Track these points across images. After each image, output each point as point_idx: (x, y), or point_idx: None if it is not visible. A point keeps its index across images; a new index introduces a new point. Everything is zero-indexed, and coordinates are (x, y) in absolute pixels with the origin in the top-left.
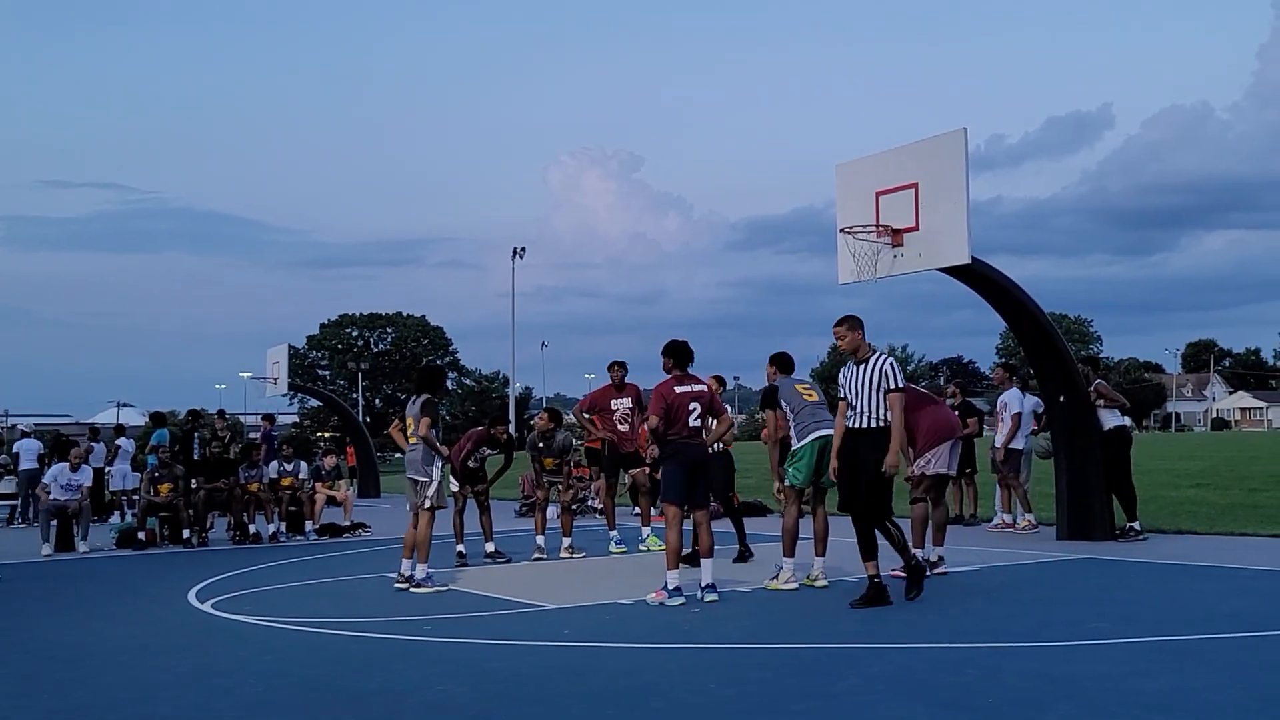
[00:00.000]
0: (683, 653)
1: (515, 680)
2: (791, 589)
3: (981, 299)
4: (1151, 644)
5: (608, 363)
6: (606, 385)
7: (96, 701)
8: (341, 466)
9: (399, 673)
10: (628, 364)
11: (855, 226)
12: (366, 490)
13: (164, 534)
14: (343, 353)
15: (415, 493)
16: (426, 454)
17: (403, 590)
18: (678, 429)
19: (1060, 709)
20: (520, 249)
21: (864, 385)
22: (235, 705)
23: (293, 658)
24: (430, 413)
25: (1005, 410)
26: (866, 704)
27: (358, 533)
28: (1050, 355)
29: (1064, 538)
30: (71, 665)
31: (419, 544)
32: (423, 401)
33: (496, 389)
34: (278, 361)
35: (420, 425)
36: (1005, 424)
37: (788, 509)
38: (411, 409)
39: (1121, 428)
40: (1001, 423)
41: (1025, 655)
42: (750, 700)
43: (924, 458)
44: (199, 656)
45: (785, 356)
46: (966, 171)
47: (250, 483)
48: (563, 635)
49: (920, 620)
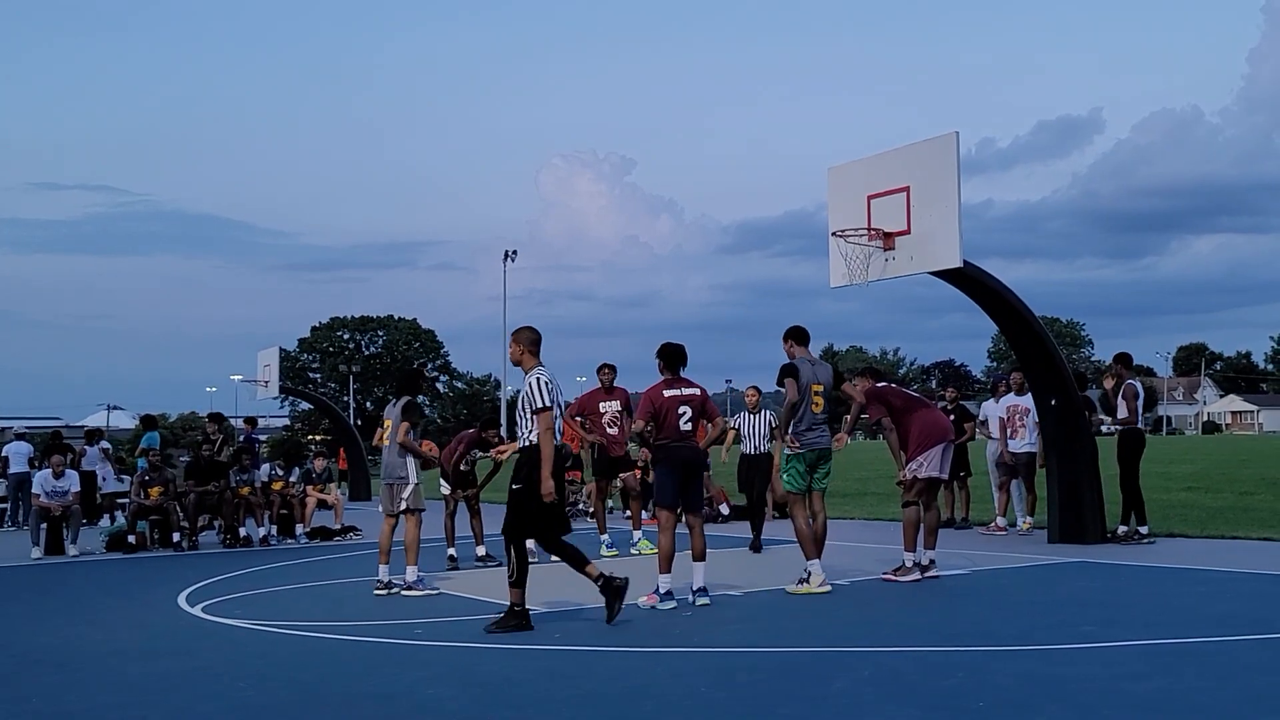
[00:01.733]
0: (674, 656)
1: (506, 683)
2: (825, 591)
3: (972, 302)
4: (1142, 647)
5: (597, 365)
6: (596, 389)
7: (85, 705)
8: (332, 470)
9: (389, 676)
10: (617, 367)
11: (847, 230)
12: (357, 494)
13: (154, 537)
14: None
15: (391, 495)
16: (401, 459)
17: (383, 595)
18: (667, 432)
19: (1050, 711)
20: (511, 252)
21: (522, 401)
22: (225, 709)
23: (283, 661)
24: (411, 416)
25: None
26: (856, 707)
27: (348, 536)
28: (1042, 358)
29: (1055, 541)
30: (60, 669)
31: (408, 546)
32: (404, 405)
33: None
34: (268, 364)
35: (399, 430)
36: (1031, 429)
37: (794, 513)
38: (390, 411)
39: (1137, 429)
40: (1024, 428)
41: (1015, 658)
42: (740, 703)
43: (916, 461)
44: (189, 660)
45: (802, 331)
46: (958, 175)
47: (242, 486)
48: (554, 639)
49: (910, 623)
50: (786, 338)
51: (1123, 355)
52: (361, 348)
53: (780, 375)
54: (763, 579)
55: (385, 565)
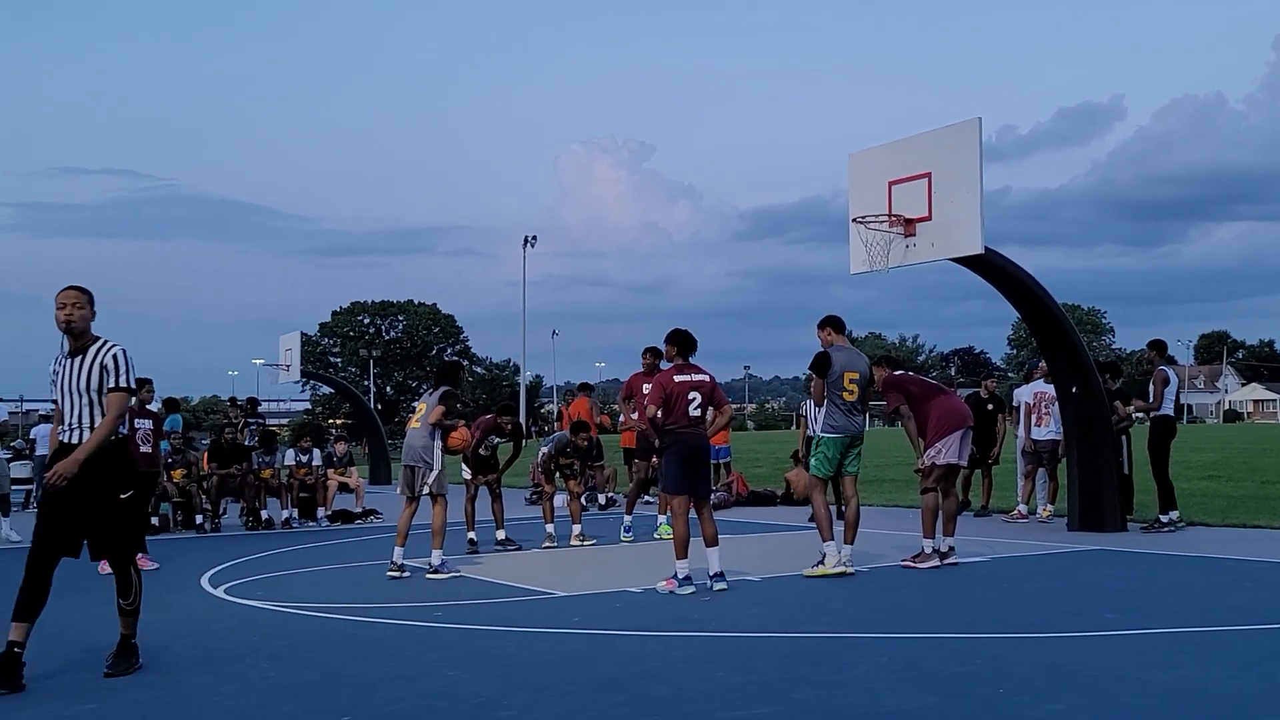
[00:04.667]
0: (691, 640)
1: (524, 666)
2: (839, 573)
3: (992, 289)
4: (1162, 635)
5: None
6: (639, 371)
7: (107, 685)
8: (353, 453)
9: (409, 658)
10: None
11: (867, 216)
12: (378, 477)
13: (177, 519)
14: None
15: (414, 479)
16: (428, 442)
17: (395, 577)
18: (676, 418)
19: (1069, 698)
20: (531, 237)
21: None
22: (247, 689)
23: (304, 642)
24: (449, 403)
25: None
26: (874, 693)
27: (369, 519)
28: (1063, 346)
29: (1075, 529)
30: (84, 648)
31: (434, 530)
32: (444, 393)
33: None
34: (290, 348)
35: (433, 412)
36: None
37: (815, 496)
38: (427, 398)
39: (1168, 417)
40: (1050, 415)
41: (1034, 645)
42: (757, 688)
43: (934, 448)
44: (211, 640)
45: (838, 320)
46: (980, 161)
47: (265, 469)
48: (572, 622)
49: (929, 610)
50: (823, 325)
51: (1156, 342)
52: (382, 332)
53: (812, 364)
54: (780, 564)
55: (401, 548)
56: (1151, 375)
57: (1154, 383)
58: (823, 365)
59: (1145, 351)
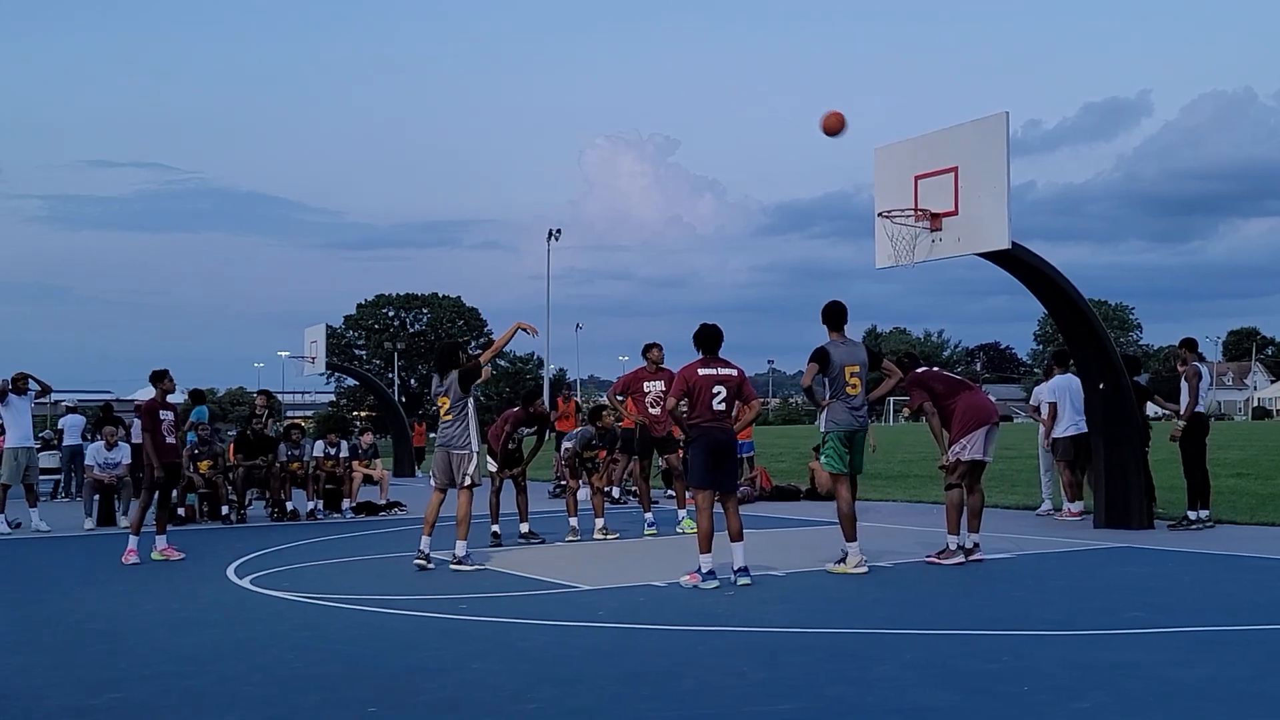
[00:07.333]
0: (716, 635)
1: (549, 659)
2: (861, 573)
3: (1018, 284)
4: (1188, 634)
5: (644, 344)
6: (641, 368)
7: (134, 673)
8: (378, 445)
9: (434, 650)
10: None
11: (893, 210)
12: (402, 469)
13: (203, 510)
14: (379, 333)
15: (452, 466)
16: (465, 430)
17: (423, 569)
18: (700, 411)
19: (1094, 696)
20: (556, 231)
21: None
22: (272, 679)
23: (329, 634)
24: (466, 383)
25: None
26: (899, 689)
27: (393, 511)
28: (1090, 341)
29: (1101, 526)
30: (110, 637)
31: (460, 521)
32: (460, 373)
33: (531, 370)
34: (315, 341)
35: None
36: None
37: (839, 492)
38: (439, 388)
39: (1200, 414)
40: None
41: (1060, 643)
42: (782, 683)
43: (959, 444)
44: (237, 631)
45: (836, 313)
46: (1008, 155)
47: (292, 462)
48: (597, 616)
49: (955, 607)
50: (823, 320)
51: (1187, 340)
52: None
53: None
54: (804, 559)
55: (428, 537)
56: (1183, 373)
57: (1187, 379)
58: (819, 359)
59: (1178, 349)
